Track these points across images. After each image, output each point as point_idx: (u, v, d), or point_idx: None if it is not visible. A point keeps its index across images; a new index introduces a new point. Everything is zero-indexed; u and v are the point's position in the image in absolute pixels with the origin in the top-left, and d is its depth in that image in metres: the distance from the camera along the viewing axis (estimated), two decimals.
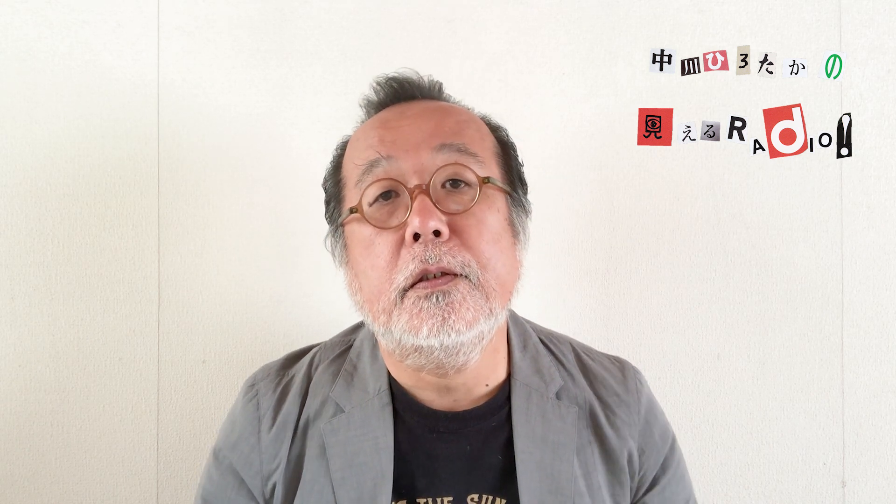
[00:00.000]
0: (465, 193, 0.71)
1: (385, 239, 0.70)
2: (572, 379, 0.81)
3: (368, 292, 0.71)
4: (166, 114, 1.09)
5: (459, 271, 0.67)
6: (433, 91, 0.80)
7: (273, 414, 0.79)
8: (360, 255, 0.72)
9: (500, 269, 0.71)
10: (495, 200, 0.73)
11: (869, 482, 1.14)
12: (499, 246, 0.71)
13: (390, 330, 0.69)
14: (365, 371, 0.80)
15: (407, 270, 0.67)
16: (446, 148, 0.71)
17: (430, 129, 0.72)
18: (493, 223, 0.71)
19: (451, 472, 0.75)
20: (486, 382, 0.77)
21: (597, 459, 0.78)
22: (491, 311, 0.69)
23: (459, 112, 0.77)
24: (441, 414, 0.76)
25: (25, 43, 1.07)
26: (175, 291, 1.09)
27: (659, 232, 1.14)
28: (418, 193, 0.68)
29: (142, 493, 1.09)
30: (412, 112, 0.75)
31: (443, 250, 0.67)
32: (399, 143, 0.72)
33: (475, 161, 0.72)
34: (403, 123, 0.74)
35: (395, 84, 0.79)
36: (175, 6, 1.10)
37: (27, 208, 1.07)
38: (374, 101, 0.80)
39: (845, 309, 1.14)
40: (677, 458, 0.84)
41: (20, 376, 1.07)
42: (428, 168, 0.70)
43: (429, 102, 0.78)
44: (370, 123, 0.77)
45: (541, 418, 0.77)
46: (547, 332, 0.87)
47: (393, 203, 0.71)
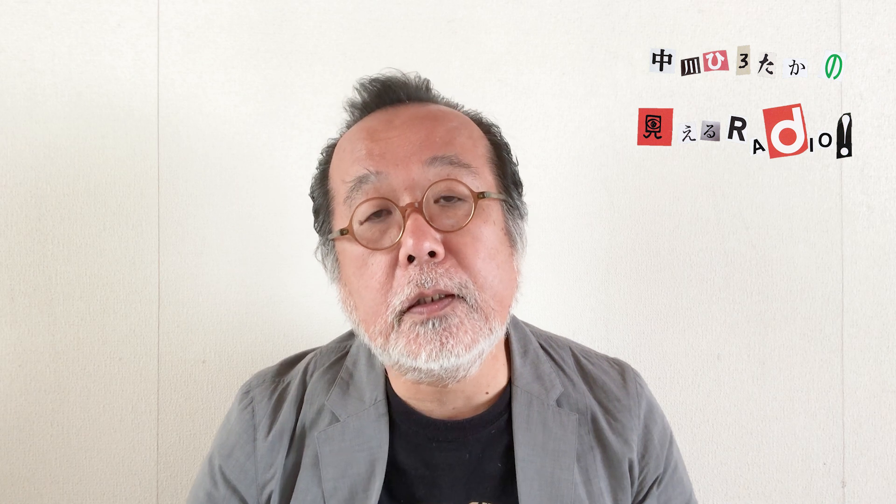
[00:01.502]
0: (460, 208, 0.68)
1: (378, 259, 0.67)
2: (573, 385, 0.80)
3: (364, 313, 0.70)
4: (166, 114, 1.09)
5: (456, 292, 0.66)
6: (420, 91, 0.77)
7: (269, 422, 0.78)
8: (354, 275, 0.70)
9: (498, 286, 0.69)
10: (491, 212, 0.70)
11: (869, 482, 1.14)
12: (496, 261, 0.69)
13: (388, 351, 0.68)
14: (361, 380, 0.78)
15: (403, 294, 0.65)
16: (438, 161, 0.68)
17: (419, 140, 0.69)
18: (489, 238, 0.69)
19: (450, 480, 0.74)
20: (486, 390, 0.76)
21: (599, 466, 0.77)
22: (490, 331, 0.68)
23: (450, 117, 0.74)
24: (440, 423, 0.75)
25: (25, 43, 1.07)
26: (175, 291, 1.09)
27: (659, 232, 1.14)
28: (411, 212, 0.66)
29: (142, 493, 1.09)
30: (400, 121, 0.72)
31: (439, 272, 0.65)
32: (388, 156, 0.69)
33: (468, 172, 0.69)
34: (392, 134, 0.70)
35: (379, 86, 0.76)
36: (175, 6, 1.10)
37: (27, 208, 1.07)
38: (359, 104, 0.77)
39: (845, 309, 1.14)
40: (675, 460, 0.84)
41: (20, 376, 1.07)
42: (419, 183, 0.67)
43: (417, 108, 0.75)
44: (356, 132, 0.74)
45: (541, 426, 0.76)
46: (546, 337, 0.86)
47: (385, 221, 0.68)
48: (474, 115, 0.79)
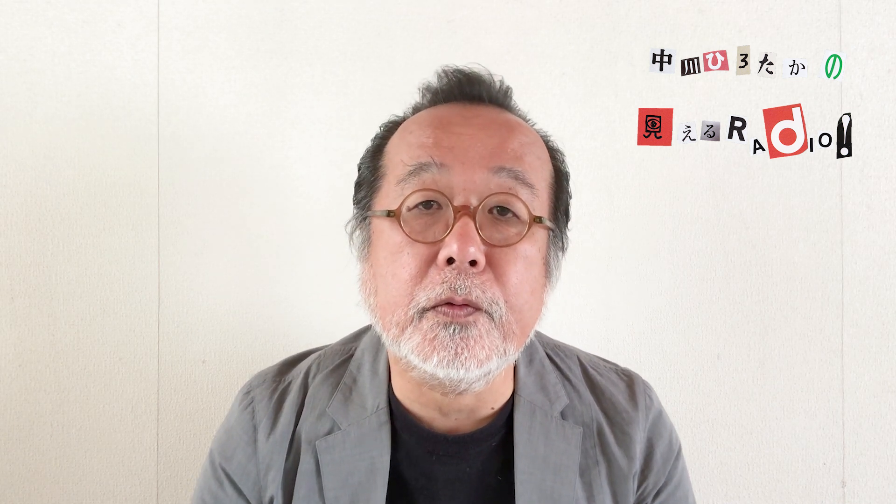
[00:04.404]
0: (512, 226, 0.66)
1: (416, 251, 0.65)
2: (579, 396, 0.79)
3: (384, 300, 0.67)
4: (166, 114, 1.09)
5: (485, 307, 0.64)
6: (500, 96, 0.74)
7: (269, 422, 0.77)
8: (385, 259, 0.67)
9: (526, 311, 0.67)
10: (538, 239, 0.68)
11: (869, 482, 1.14)
12: (530, 287, 0.67)
13: (399, 344, 0.66)
14: (364, 386, 0.77)
15: (432, 292, 0.63)
16: (505, 172, 0.66)
17: (492, 145, 0.67)
18: (531, 264, 0.67)
19: (450, 494, 0.73)
20: (491, 405, 0.74)
21: (603, 480, 0.75)
22: (505, 352, 0.66)
23: (525, 132, 0.71)
24: (441, 437, 0.73)
25: (25, 43, 1.07)
26: (175, 291, 1.09)
27: (659, 232, 1.14)
28: (463, 215, 0.63)
29: (142, 493, 1.09)
30: (477, 121, 0.69)
31: (475, 282, 0.63)
32: (456, 152, 0.66)
33: (530, 192, 0.67)
34: (466, 131, 0.68)
35: (462, 77, 0.73)
36: (175, 6, 1.10)
37: (27, 208, 1.07)
38: (435, 89, 0.74)
39: (845, 309, 1.14)
40: (679, 477, 0.82)
41: (20, 376, 1.07)
42: (480, 189, 0.65)
43: (496, 113, 0.72)
44: (427, 118, 0.71)
45: (543, 438, 0.74)
46: (553, 345, 0.84)
47: (433, 215, 0.66)
48: (544, 135, 0.76)
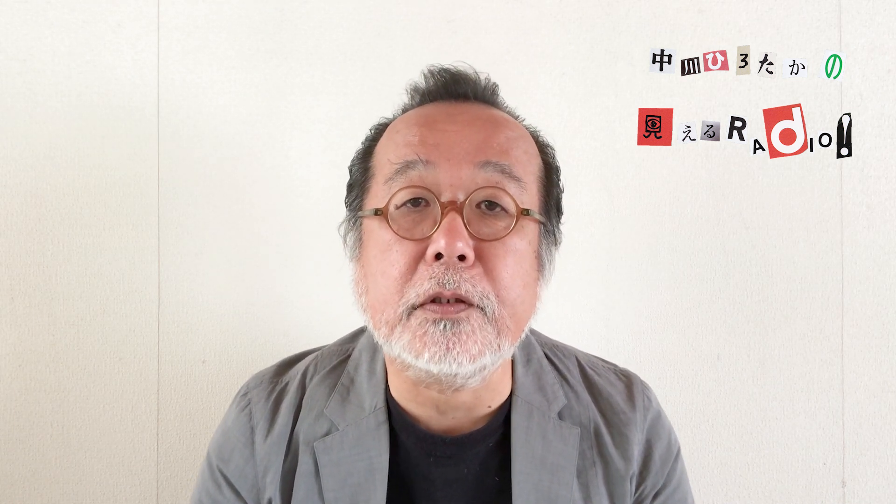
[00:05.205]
0: (500, 220, 0.66)
1: (404, 248, 0.65)
2: (576, 396, 0.78)
3: (374, 298, 0.67)
4: (166, 114, 1.09)
5: (476, 302, 0.64)
6: (487, 93, 0.74)
7: (266, 424, 0.77)
8: (374, 258, 0.68)
9: (519, 305, 0.67)
10: (528, 232, 0.68)
11: (869, 482, 1.14)
12: (522, 281, 0.67)
13: (390, 343, 0.66)
14: (362, 386, 0.77)
15: (420, 288, 0.63)
16: (490, 167, 0.66)
17: (477, 141, 0.67)
18: (521, 256, 0.67)
19: (447, 495, 0.73)
20: (488, 404, 0.74)
21: (600, 482, 0.75)
22: (499, 348, 0.65)
23: (511, 126, 0.72)
24: (438, 438, 0.73)
25: (25, 43, 1.07)
26: (175, 291, 1.09)
27: (659, 232, 1.14)
28: (450, 210, 0.64)
29: (142, 493, 1.09)
30: (462, 118, 0.70)
31: (463, 277, 0.63)
32: (442, 149, 0.67)
33: (517, 186, 0.67)
34: (451, 128, 0.68)
35: (448, 77, 0.74)
36: (175, 6, 1.10)
37: (27, 208, 1.07)
38: (422, 90, 0.75)
39: (845, 309, 1.14)
40: (678, 479, 0.82)
41: (20, 376, 1.07)
42: (466, 184, 0.66)
43: (481, 109, 0.72)
44: (413, 117, 0.72)
45: (541, 439, 0.74)
46: (552, 345, 0.84)
47: (421, 212, 0.66)
48: (533, 130, 0.76)
